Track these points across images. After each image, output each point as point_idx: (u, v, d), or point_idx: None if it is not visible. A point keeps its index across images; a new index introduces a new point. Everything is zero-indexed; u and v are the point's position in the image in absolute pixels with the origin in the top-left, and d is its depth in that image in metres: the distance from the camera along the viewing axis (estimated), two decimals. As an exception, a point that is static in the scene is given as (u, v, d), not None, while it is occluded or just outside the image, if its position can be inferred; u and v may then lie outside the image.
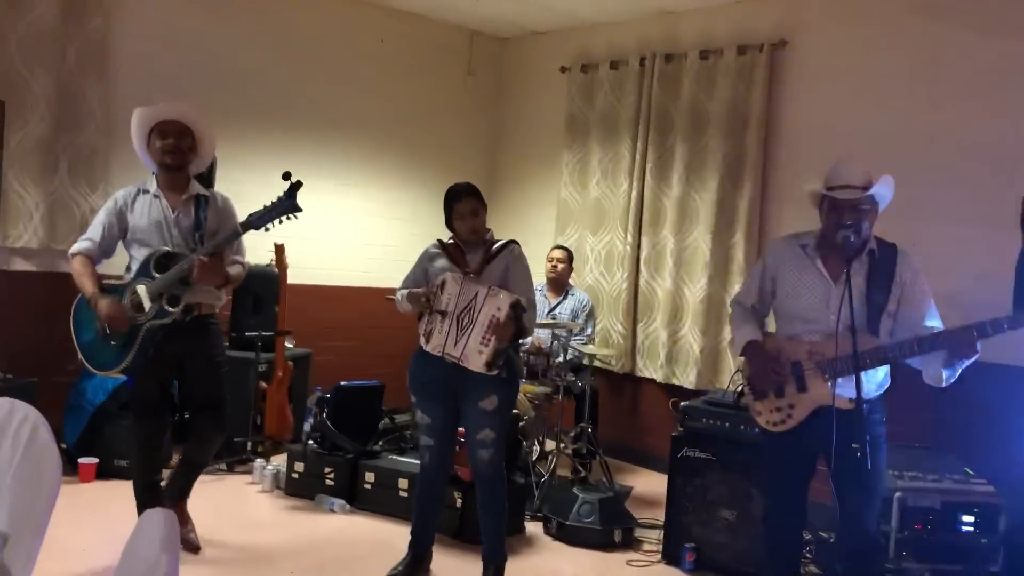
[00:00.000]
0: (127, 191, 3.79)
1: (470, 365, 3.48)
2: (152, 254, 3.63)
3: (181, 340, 3.69)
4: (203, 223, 3.71)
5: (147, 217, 3.69)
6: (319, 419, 4.88)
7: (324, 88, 6.33)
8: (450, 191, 3.73)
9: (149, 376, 3.73)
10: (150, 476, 3.84)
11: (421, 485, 3.87)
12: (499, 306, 3.45)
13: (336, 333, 6.50)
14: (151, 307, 3.58)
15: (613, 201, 6.28)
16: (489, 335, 3.43)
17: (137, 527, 1.57)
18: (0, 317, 5.00)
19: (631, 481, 5.69)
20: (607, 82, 6.34)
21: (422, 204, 6.97)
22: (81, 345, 3.73)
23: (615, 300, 6.19)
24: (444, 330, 3.53)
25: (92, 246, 3.73)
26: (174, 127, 3.69)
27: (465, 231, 3.67)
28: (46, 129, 5.09)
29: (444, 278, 3.58)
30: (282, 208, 3.55)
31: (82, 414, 4.93)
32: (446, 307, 3.53)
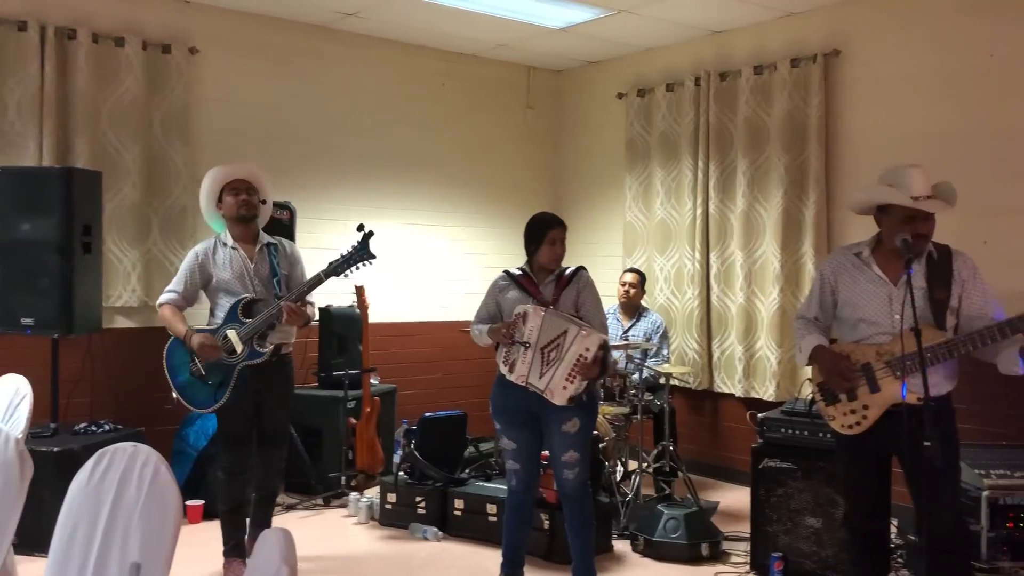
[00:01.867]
0: (205, 244, 4.19)
1: (554, 399, 3.62)
2: (239, 301, 4.03)
3: (262, 376, 4.05)
4: (278, 269, 4.11)
5: (230, 268, 4.08)
6: (407, 450, 5.07)
7: (391, 133, 6.60)
8: (543, 218, 3.89)
9: (236, 410, 4.07)
10: (235, 500, 4.15)
11: (510, 509, 3.98)
12: (588, 347, 3.57)
13: (418, 368, 6.72)
14: (243, 349, 3.94)
15: (678, 220, 6.38)
16: (575, 373, 3.57)
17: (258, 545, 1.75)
18: (106, 372, 5.34)
19: (716, 496, 5.72)
20: (664, 104, 6.47)
21: (490, 238, 7.18)
22: (177, 386, 4.11)
23: (688, 318, 6.27)
24: (527, 361, 3.67)
25: (177, 296, 4.12)
26: (244, 184, 4.13)
27: (551, 258, 3.83)
28: (138, 194, 5.46)
29: (525, 310, 3.70)
30: (357, 257, 3.96)
31: (186, 459, 5.22)
32: (528, 339, 3.66)
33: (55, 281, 4.58)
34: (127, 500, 2.23)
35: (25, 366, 4.58)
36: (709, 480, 6.11)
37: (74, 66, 5.24)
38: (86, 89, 5.26)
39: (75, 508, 2.29)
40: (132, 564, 2.16)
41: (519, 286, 3.86)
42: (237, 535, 4.20)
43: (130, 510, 2.22)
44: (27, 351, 4.93)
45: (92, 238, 4.77)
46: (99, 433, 4.78)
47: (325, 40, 6.29)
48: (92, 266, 4.83)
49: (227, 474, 4.15)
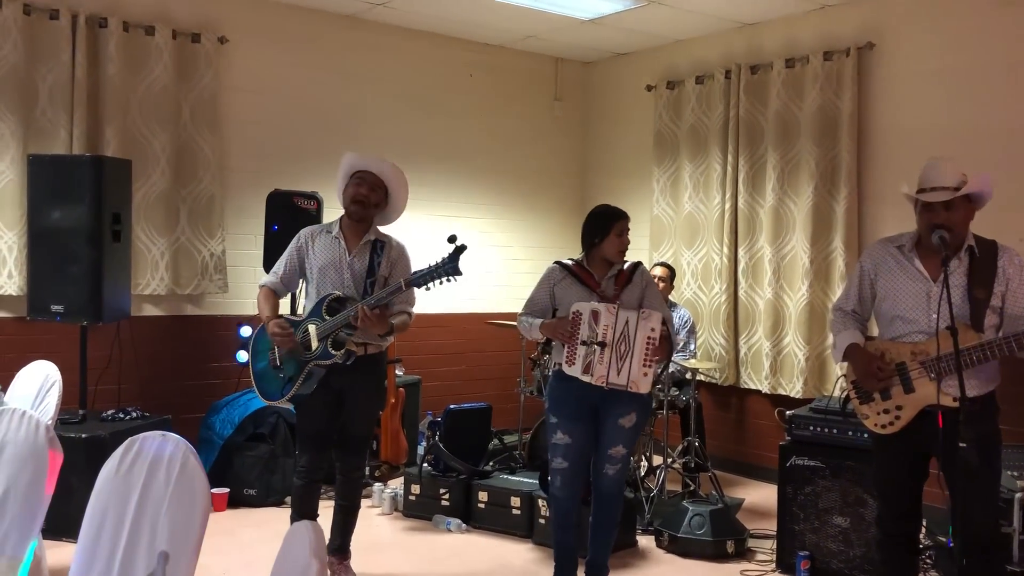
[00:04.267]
0: (312, 229, 3.97)
1: (640, 389, 3.60)
2: (325, 297, 3.75)
3: (345, 377, 3.78)
4: (376, 270, 3.82)
5: (325, 256, 3.83)
6: (432, 442, 5.07)
7: (418, 124, 6.58)
8: (608, 210, 3.83)
9: (313, 410, 3.83)
10: (308, 508, 3.87)
11: (554, 512, 3.88)
12: (652, 326, 3.57)
13: (442, 359, 6.71)
14: (318, 347, 3.72)
15: (707, 214, 6.32)
16: (650, 357, 3.56)
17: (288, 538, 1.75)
18: (134, 360, 5.38)
19: (741, 493, 5.68)
20: (694, 97, 6.40)
21: (517, 230, 7.15)
22: (254, 372, 3.93)
23: (715, 313, 6.21)
24: (606, 361, 3.60)
25: (276, 280, 3.93)
26: (371, 178, 3.85)
27: (618, 250, 3.78)
28: (166, 182, 5.48)
29: (596, 309, 3.63)
30: (443, 271, 3.62)
31: (212, 447, 5.24)
32: (603, 338, 3.60)
33: (85, 269, 4.60)
34: (156, 489, 2.23)
35: (54, 353, 4.62)
36: (734, 476, 6.06)
37: (105, 55, 5.26)
38: (116, 78, 5.28)
39: (104, 496, 2.30)
40: (160, 553, 2.16)
41: (578, 279, 3.79)
42: None
43: (159, 499, 2.22)
44: (57, 338, 4.98)
45: (122, 226, 4.79)
46: (126, 420, 4.82)
47: (354, 30, 6.27)
48: (122, 254, 4.85)
49: (301, 478, 3.89)
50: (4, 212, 5.01)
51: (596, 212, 3.88)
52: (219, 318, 5.80)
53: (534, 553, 4.55)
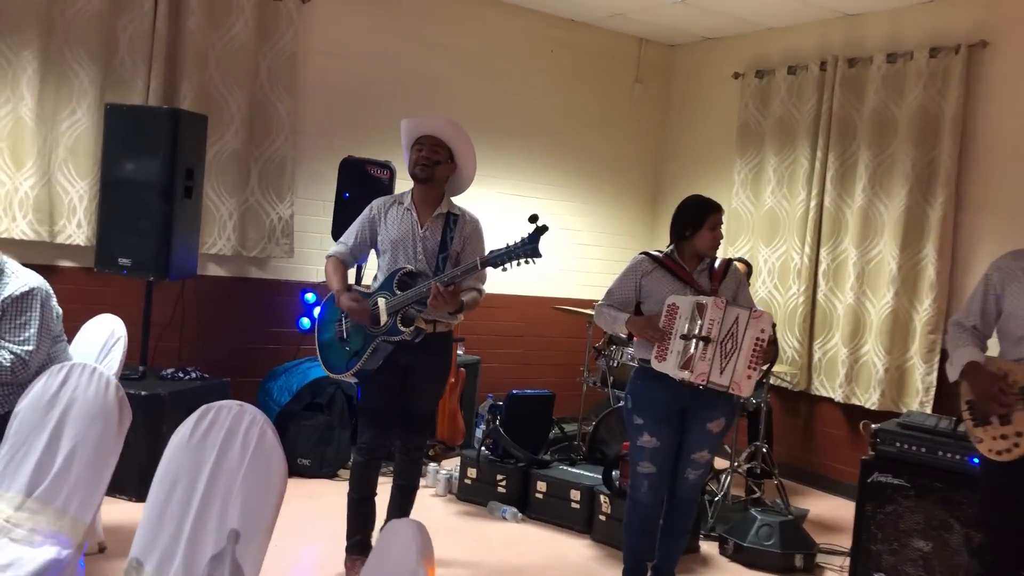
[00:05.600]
0: (384, 200, 3.79)
1: (742, 392, 3.40)
2: (396, 271, 3.60)
3: (412, 353, 3.63)
4: (448, 244, 3.64)
5: (397, 229, 3.66)
6: (492, 426, 4.92)
7: (493, 98, 6.41)
8: (702, 201, 3.61)
9: (378, 386, 3.69)
10: (367, 487, 3.76)
11: (636, 519, 3.65)
12: (763, 327, 3.37)
13: (503, 341, 6.56)
14: (386, 322, 3.56)
15: (789, 211, 6.06)
16: (756, 359, 3.37)
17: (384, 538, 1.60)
18: (197, 319, 5.31)
19: (805, 503, 5.46)
20: (784, 88, 6.13)
21: (586, 214, 6.96)
22: (320, 343, 3.77)
23: (790, 315, 5.96)
24: (708, 358, 3.40)
25: (345, 250, 3.76)
26: (428, 140, 3.64)
27: (712, 244, 3.57)
28: (239, 141, 5.38)
29: (702, 302, 3.41)
30: (522, 252, 3.40)
31: (268, 413, 5.07)
32: (707, 333, 3.40)
33: (155, 224, 4.52)
34: (229, 462, 2.11)
35: (118, 306, 4.57)
36: (798, 485, 5.84)
37: (186, 7, 5.16)
38: (196, 31, 5.18)
39: (174, 465, 2.18)
40: (231, 531, 2.04)
41: (669, 272, 3.57)
42: (364, 529, 3.76)
43: (232, 473, 2.10)
44: (122, 291, 4.93)
45: (194, 182, 4.71)
46: (186, 380, 4.75)
47: (437, -3, 6.12)
48: (192, 211, 4.77)
49: (362, 455, 3.73)
50: (77, 161, 4.95)
51: (689, 203, 3.65)
52: (283, 283, 5.70)
53: (592, 550, 4.39)
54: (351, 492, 3.77)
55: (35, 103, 4.79)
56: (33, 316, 3.37)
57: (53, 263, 5.01)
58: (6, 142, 4.76)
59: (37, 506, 2.39)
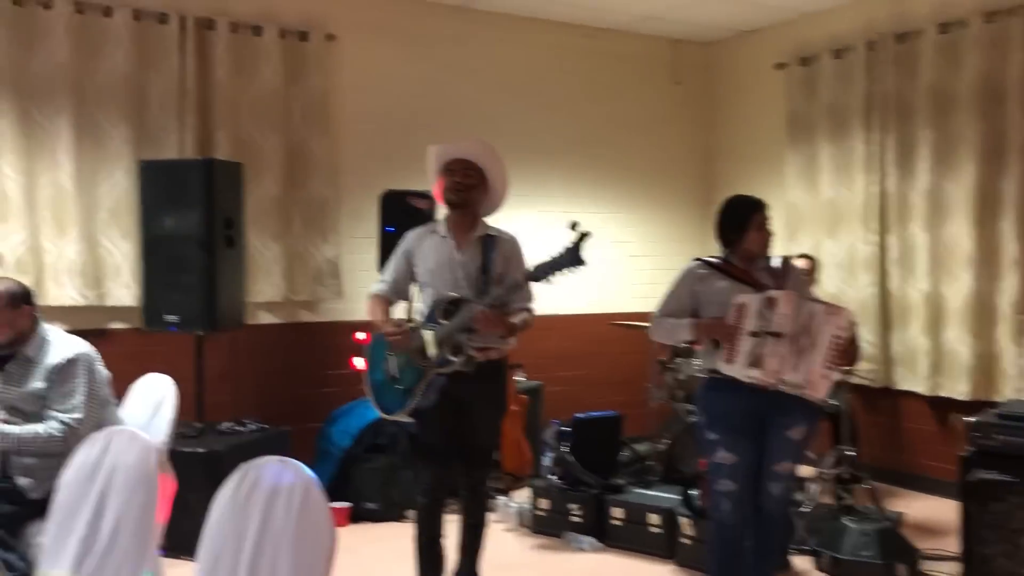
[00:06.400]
0: (418, 231, 3.67)
1: (816, 393, 3.17)
2: (439, 300, 3.45)
3: (465, 385, 3.44)
4: (490, 266, 3.49)
5: (434, 258, 3.54)
6: (559, 454, 4.73)
7: (530, 116, 6.27)
8: (745, 201, 3.42)
9: (434, 421, 3.52)
10: (434, 529, 3.61)
11: (720, 541, 3.43)
12: (841, 324, 3.14)
13: (562, 363, 6.37)
14: (436, 353, 3.41)
15: (849, 200, 5.77)
16: (834, 359, 3.14)
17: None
18: (250, 369, 5.24)
19: (899, 506, 5.13)
20: (831, 73, 5.87)
21: (635, 224, 6.76)
22: (371, 385, 3.61)
23: (862, 308, 5.65)
24: (780, 354, 3.17)
25: (385, 287, 3.64)
26: (460, 164, 3.53)
27: (762, 244, 3.37)
28: (279, 187, 5.32)
29: (772, 296, 3.20)
30: (566, 261, 3.26)
31: (330, 459, 5.05)
32: (778, 328, 3.17)
33: (198, 277, 4.45)
34: (275, 524, 1.96)
35: (171, 363, 4.49)
36: (889, 487, 5.50)
37: (213, 57, 5.13)
38: (225, 80, 5.14)
39: (219, 529, 2.04)
40: (282, 598, 1.89)
41: (727, 275, 3.36)
42: (434, 574, 3.62)
43: (278, 535, 1.95)
44: (173, 348, 4.85)
45: (235, 231, 4.63)
46: (244, 433, 4.66)
47: (463, 21, 6.00)
48: (235, 260, 4.70)
49: (425, 496, 3.57)
50: (120, 221, 4.93)
51: (729, 206, 3.44)
52: (335, 324, 5.60)
53: (677, 576, 4.16)
54: (418, 536, 3.61)
55: (73, 168, 4.78)
56: (79, 383, 3.30)
57: (104, 326, 4.99)
58: (48, 210, 4.76)
59: (86, 583, 2.28)
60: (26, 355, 3.31)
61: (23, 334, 3.31)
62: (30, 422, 3.25)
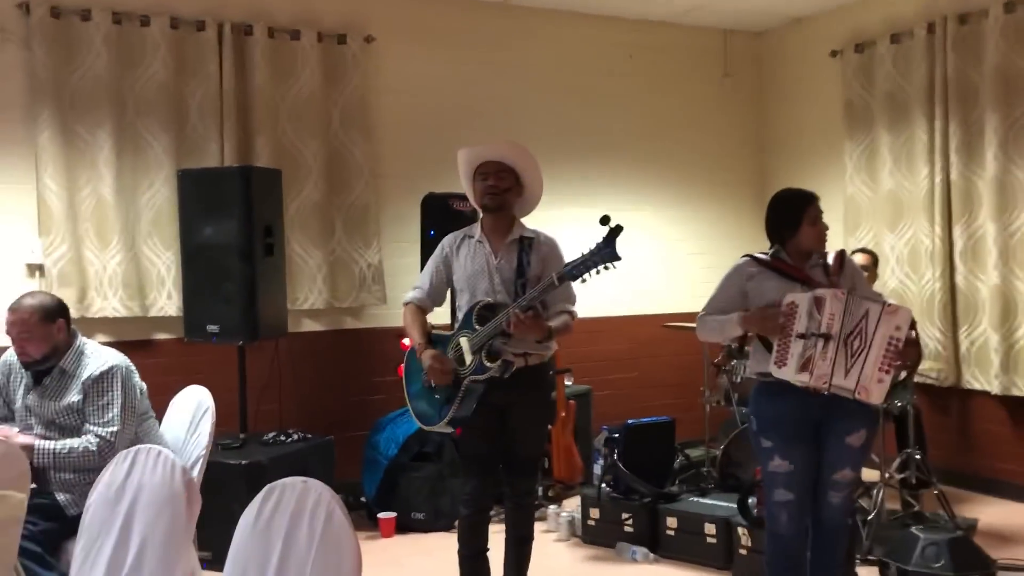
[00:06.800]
0: (454, 236, 3.58)
1: (870, 398, 2.98)
2: (474, 305, 3.37)
3: (507, 391, 3.34)
4: (526, 269, 3.38)
5: (470, 264, 3.45)
6: (609, 461, 4.57)
7: (575, 113, 6.12)
8: (797, 194, 3.23)
9: (475, 430, 3.42)
10: (477, 542, 3.50)
11: (778, 555, 3.23)
12: (898, 324, 2.94)
13: (613, 367, 6.20)
14: (471, 361, 3.33)
15: (911, 191, 5.51)
16: (890, 361, 2.94)
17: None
18: (294, 378, 5.17)
19: (971, 512, 4.87)
20: (889, 59, 5.61)
21: (686, 222, 6.56)
22: (409, 395, 3.56)
23: (927, 304, 5.39)
24: (829, 357, 3.00)
25: (422, 295, 3.56)
26: (493, 167, 3.43)
27: (816, 239, 3.19)
28: (319, 192, 5.25)
29: (820, 295, 3.02)
30: (599, 257, 3.13)
31: (377, 468, 4.95)
32: (826, 329, 3.00)
33: (238, 286, 4.40)
34: (298, 547, 1.85)
35: (215, 374, 4.47)
36: (960, 492, 5.23)
37: (251, 63, 5.08)
38: (264, 86, 5.09)
39: (242, 555, 1.94)
40: (305, 628, 1.78)
41: (778, 272, 3.19)
42: None
43: (301, 560, 1.84)
44: (216, 358, 4.82)
45: (274, 239, 4.57)
46: (288, 443, 4.58)
47: (503, 18, 5.88)
48: (275, 268, 4.64)
49: (467, 507, 3.47)
50: (162, 231, 4.91)
51: (780, 200, 3.26)
52: (380, 330, 5.52)
53: (735, 588, 3.97)
54: (461, 548, 3.50)
55: (114, 180, 4.77)
56: (115, 396, 3.25)
57: (149, 337, 4.97)
58: (91, 222, 4.75)
59: (111, 608, 2.20)
60: (62, 369, 3.27)
61: (59, 348, 3.27)
62: (67, 436, 3.22)
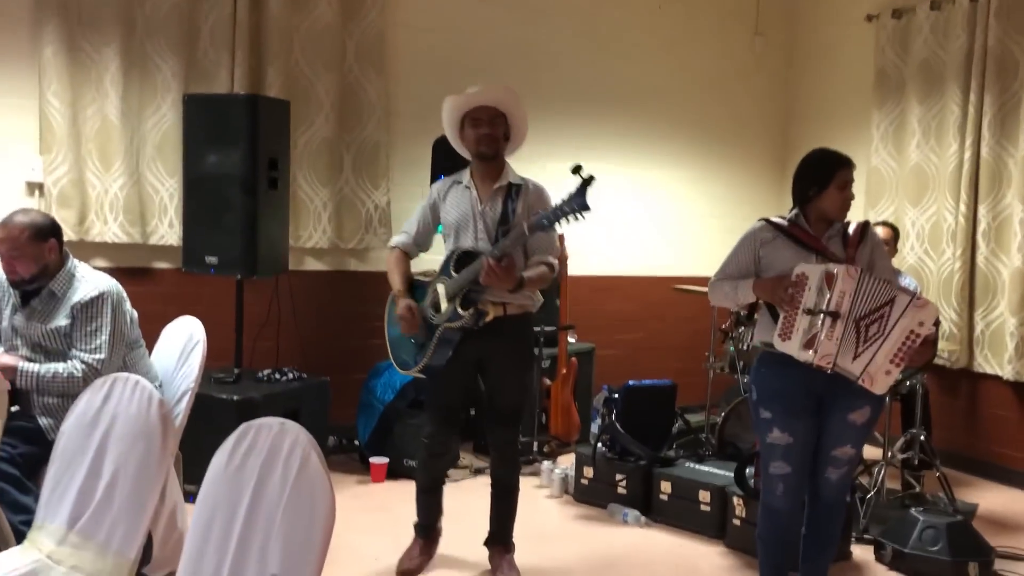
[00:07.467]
0: (443, 182, 3.54)
1: (874, 387, 2.88)
2: (453, 252, 3.37)
3: (484, 341, 3.33)
4: (510, 216, 3.32)
5: (457, 210, 3.41)
6: (607, 421, 4.49)
7: (598, 63, 5.93)
8: (830, 156, 3.08)
9: (447, 378, 3.42)
10: (432, 479, 3.63)
11: (772, 528, 3.17)
12: (922, 320, 2.83)
13: (618, 326, 6.09)
14: (446, 308, 3.32)
15: (938, 165, 5.33)
16: (904, 355, 2.84)
17: None
18: (293, 317, 5.08)
19: (972, 497, 4.78)
20: (927, 26, 5.39)
21: (706, 182, 6.40)
22: (389, 340, 3.59)
23: (944, 283, 5.25)
24: (836, 337, 2.88)
25: (407, 240, 3.55)
26: (487, 113, 3.35)
27: (841, 207, 3.05)
28: (330, 128, 5.11)
29: (831, 270, 2.89)
30: (569, 207, 3.09)
31: (372, 413, 4.89)
32: (835, 307, 2.87)
33: (239, 218, 4.29)
34: (269, 493, 1.77)
35: (213, 307, 4.39)
36: (962, 475, 5.14)
37: (267, -10, 4.92)
38: (279, 15, 4.91)
39: (212, 497, 1.86)
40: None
41: (793, 239, 3.06)
42: (430, 516, 3.64)
43: (272, 505, 1.75)
44: (215, 291, 4.73)
45: (279, 173, 4.45)
46: (283, 382, 4.53)
47: (531, -43, 5.68)
48: (279, 203, 4.53)
49: (427, 450, 3.56)
50: (165, 157, 4.78)
51: (813, 158, 3.12)
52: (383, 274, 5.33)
53: (726, 559, 3.90)
54: (417, 482, 3.66)
55: (119, 100, 4.63)
56: (104, 322, 3.16)
57: (148, 265, 4.88)
58: (94, 143, 4.63)
59: (79, 540, 2.13)
60: (51, 291, 3.18)
61: (49, 269, 3.18)
62: (52, 360, 3.14)
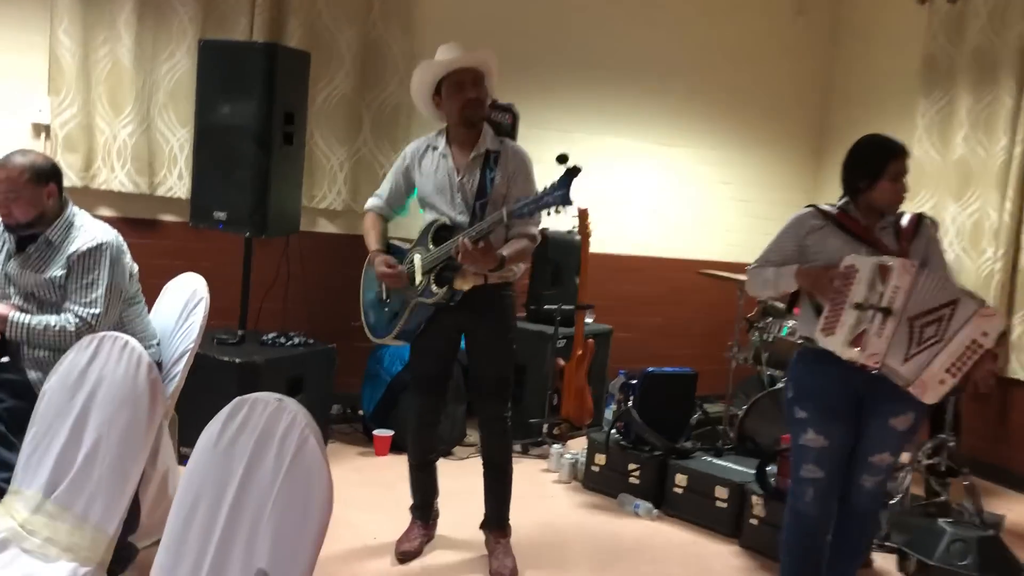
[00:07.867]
0: (416, 146, 3.36)
1: (924, 396, 2.67)
2: (431, 224, 3.22)
3: (464, 312, 3.22)
4: (488, 188, 3.15)
5: (433, 179, 3.25)
6: (623, 407, 4.30)
7: (631, 34, 5.68)
8: (883, 144, 2.86)
9: (427, 350, 3.36)
10: (425, 454, 3.51)
11: (798, 535, 2.98)
12: (987, 331, 2.61)
13: (639, 309, 5.90)
14: (420, 281, 3.20)
15: (985, 160, 5.08)
16: (962, 365, 2.62)
17: None
18: (303, 279, 4.90)
19: (1000, 507, 4.58)
20: (984, 12, 5.11)
21: (739, 164, 6.16)
22: (363, 304, 3.48)
23: (983, 282, 5.01)
24: (886, 335, 2.67)
25: (381, 203, 3.43)
26: (470, 76, 3.15)
27: (893, 199, 2.83)
28: (350, 86, 4.91)
29: (885, 263, 2.69)
30: (552, 199, 2.89)
31: (379, 383, 4.72)
32: (887, 303, 2.68)
33: (251, 173, 4.09)
34: (260, 478, 1.58)
35: (218, 264, 4.19)
36: (990, 484, 4.94)
37: (292, -66, 4.69)
38: (303, -39, 4.71)
39: (198, 476, 1.68)
40: (257, 571, 1.52)
41: (843, 229, 2.85)
42: (425, 495, 3.53)
43: (263, 491, 1.57)
44: (224, 247, 4.54)
45: (295, 128, 4.25)
46: (287, 346, 4.35)
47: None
48: (293, 160, 4.32)
49: (418, 419, 3.47)
50: (179, 106, 4.58)
51: (865, 146, 2.89)
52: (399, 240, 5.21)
53: (740, 559, 3.72)
54: (409, 457, 3.54)
55: (133, 43, 4.43)
56: (101, 275, 2.98)
57: (155, 216, 4.70)
58: (104, 86, 4.43)
59: (55, 510, 1.96)
60: (48, 239, 3.00)
61: (47, 215, 3.00)
62: (45, 311, 2.97)
